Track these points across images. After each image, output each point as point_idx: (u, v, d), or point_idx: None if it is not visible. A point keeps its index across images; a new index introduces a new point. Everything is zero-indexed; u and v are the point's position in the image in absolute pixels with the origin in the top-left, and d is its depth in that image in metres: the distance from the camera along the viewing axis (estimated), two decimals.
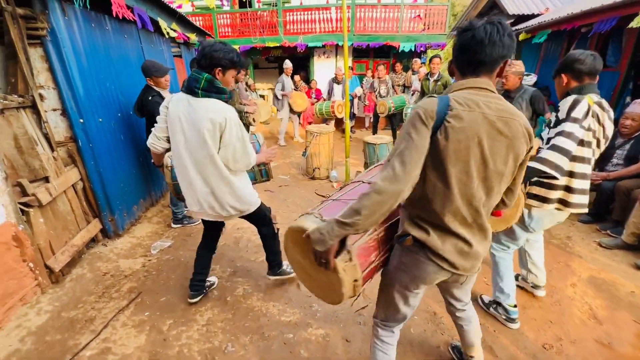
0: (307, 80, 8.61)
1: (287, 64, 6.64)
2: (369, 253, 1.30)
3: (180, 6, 7.92)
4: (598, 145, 1.77)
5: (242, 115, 4.68)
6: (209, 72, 1.65)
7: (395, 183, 1.00)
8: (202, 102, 1.66)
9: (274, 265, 2.37)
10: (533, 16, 5.99)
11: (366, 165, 4.34)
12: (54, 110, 2.59)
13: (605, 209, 3.35)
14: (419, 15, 7.68)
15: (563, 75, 1.82)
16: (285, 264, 2.44)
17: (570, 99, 1.70)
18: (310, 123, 8.39)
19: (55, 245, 2.39)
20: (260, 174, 2.32)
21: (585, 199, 1.82)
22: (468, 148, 1.02)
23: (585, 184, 1.80)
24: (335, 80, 7.16)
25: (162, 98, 3.05)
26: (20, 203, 2.10)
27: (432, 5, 7.61)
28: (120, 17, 3.00)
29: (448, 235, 1.15)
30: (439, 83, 5.20)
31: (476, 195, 1.08)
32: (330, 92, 7.35)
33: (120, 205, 3.12)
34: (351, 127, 7.36)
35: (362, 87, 7.80)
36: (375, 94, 6.92)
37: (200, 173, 1.79)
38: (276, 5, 7.95)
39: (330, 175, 4.95)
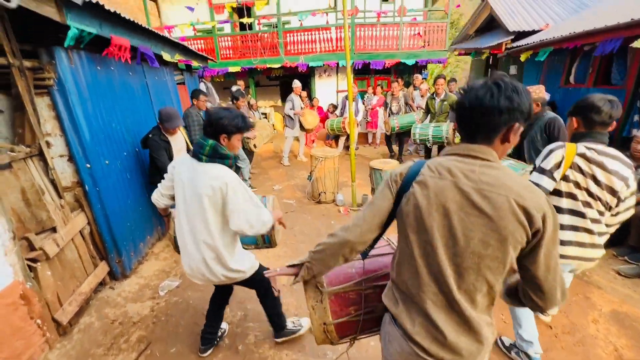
0: (310, 98, 8.65)
1: (296, 84, 6.77)
2: (346, 304, 1.32)
3: (181, 38, 8.04)
4: (592, 196, 1.68)
5: (243, 141, 4.72)
6: (215, 138, 1.64)
7: (346, 231, 1.08)
8: (205, 167, 1.64)
9: (278, 328, 2.26)
10: (533, 32, 6.00)
11: (373, 191, 4.29)
12: (61, 156, 2.59)
13: (622, 234, 3.26)
14: (418, 33, 7.74)
15: (574, 118, 1.78)
16: (290, 322, 2.35)
17: (547, 148, 1.69)
18: (313, 141, 8.41)
19: (62, 296, 2.35)
20: (263, 239, 2.22)
21: (586, 252, 1.75)
22: (431, 217, 0.94)
23: (582, 237, 1.73)
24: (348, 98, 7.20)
25: (162, 139, 3.10)
26: (27, 259, 2.07)
27: (431, 23, 7.67)
28: (123, 60, 3.02)
29: (419, 314, 1.01)
30: (445, 103, 5.18)
31: (444, 272, 0.94)
32: (343, 109, 7.38)
33: (127, 245, 3.09)
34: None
35: (363, 103, 7.83)
36: (387, 110, 7.00)
37: (195, 239, 1.73)
38: (277, 27, 8.04)
39: (336, 199, 4.90)
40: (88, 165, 2.64)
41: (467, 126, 0.97)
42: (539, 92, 2.94)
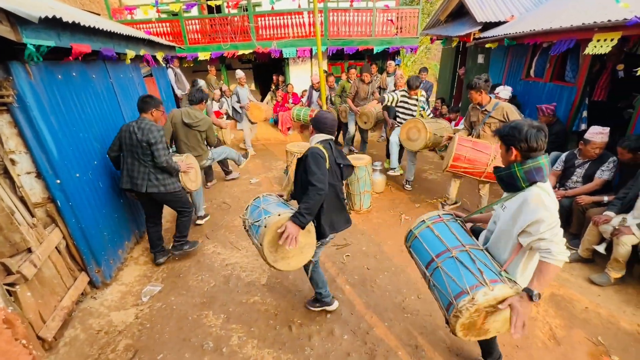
0: (285, 84, 8.53)
1: (239, 74, 6.52)
2: None
3: (144, 22, 7.53)
4: None
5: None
6: None
7: None
8: None
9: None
10: (500, 23, 6.19)
11: (347, 187, 4.48)
12: (28, 173, 2.53)
13: (565, 222, 3.67)
14: (391, 20, 7.72)
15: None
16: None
17: None
18: (289, 128, 8.41)
19: (45, 313, 2.40)
20: None
21: None
22: None
23: None
24: (314, 87, 7.18)
25: None
26: (5, 284, 2.09)
27: (404, 9, 7.66)
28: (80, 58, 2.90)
29: None
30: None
31: None
32: (309, 99, 7.37)
33: (106, 254, 3.11)
34: None
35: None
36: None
37: None
38: (247, 10, 7.72)
39: None
40: (58, 181, 2.60)
41: None
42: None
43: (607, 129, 3.35)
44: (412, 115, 4.86)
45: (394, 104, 4.86)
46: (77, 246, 2.82)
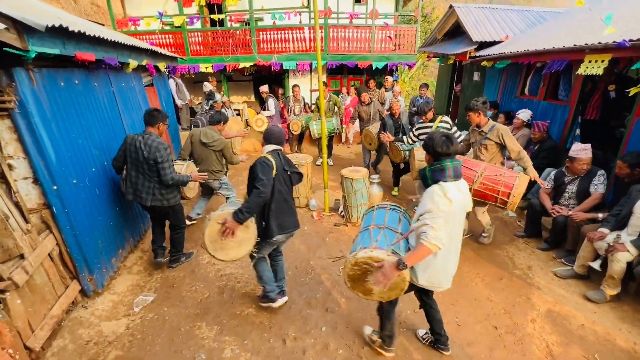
0: (284, 96, 8.63)
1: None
2: None
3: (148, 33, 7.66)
4: None
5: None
6: None
7: None
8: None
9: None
10: (494, 43, 6.38)
11: (344, 197, 4.49)
12: (25, 178, 2.52)
13: (561, 238, 3.69)
14: (389, 37, 7.92)
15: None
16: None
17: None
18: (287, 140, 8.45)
19: (33, 322, 2.34)
20: None
21: None
22: None
23: None
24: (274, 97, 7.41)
25: None
26: None
27: (402, 27, 7.88)
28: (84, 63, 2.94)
29: None
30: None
31: None
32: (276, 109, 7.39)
33: (99, 262, 3.07)
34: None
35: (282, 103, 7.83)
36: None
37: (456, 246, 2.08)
38: (249, 24, 7.90)
39: (309, 204, 5.06)
40: (54, 187, 2.59)
41: None
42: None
43: (589, 145, 3.48)
44: None
45: (414, 139, 4.54)
46: (71, 253, 2.78)
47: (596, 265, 3.03)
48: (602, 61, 3.45)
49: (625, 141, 3.48)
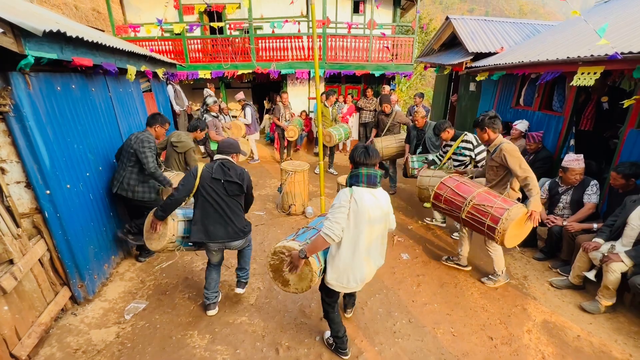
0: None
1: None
2: None
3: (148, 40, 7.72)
4: None
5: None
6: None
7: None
8: (380, 191, 2.12)
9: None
10: (490, 54, 6.48)
11: None
12: (18, 182, 2.49)
13: (556, 248, 3.69)
14: (387, 47, 8.03)
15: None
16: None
17: None
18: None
19: (20, 329, 2.29)
20: None
21: None
22: None
23: None
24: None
25: None
26: None
27: (400, 37, 7.99)
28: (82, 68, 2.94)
29: None
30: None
31: None
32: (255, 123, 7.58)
33: (91, 268, 3.03)
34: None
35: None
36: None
37: (372, 255, 2.19)
38: (248, 32, 7.98)
39: (305, 212, 5.05)
40: (48, 192, 2.56)
41: None
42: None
43: (581, 156, 3.51)
44: (463, 163, 4.18)
45: (444, 160, 4.25)
46: (62, 259, 2.74)
47: (591, 275, 3.03)
48: (595, 73, 3.51)
49: (619, 152, 3.51)
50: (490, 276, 3.36)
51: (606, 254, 2.88)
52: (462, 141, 4.07)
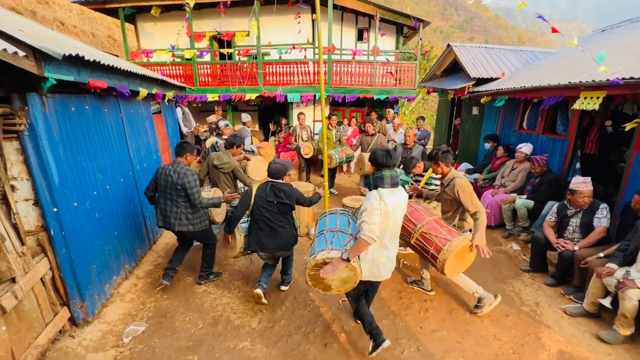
0: (288, 126, 8.83)
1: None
2: None
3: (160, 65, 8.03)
4: None
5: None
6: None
7: None
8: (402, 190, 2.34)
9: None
10: (492, 79, 6.62)
11: None
12: (26, 200, 2.52)
13: (567, 273, 3.58)
14: (390, 72, 8.27)
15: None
16: None
17: None
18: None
19: (17, 351, 2.23)
20: None
21: None
22: None
23: None
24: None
25: None
26: None
27: (402, 63, 8.24)
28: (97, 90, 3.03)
29: None
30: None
31: None
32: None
33: (92, 288, 2.98)
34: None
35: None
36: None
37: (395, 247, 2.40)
38: (256, 58, 8.28)
39: (309, 233, 4.99)
40: (55, 210, 2.58)
41: None
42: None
43: (589, 178, 3.47)
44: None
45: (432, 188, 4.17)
46: (64, 278, 2.71)
47: (607, 302, 2.91)
48: (597, 97, 3.55)
49: (627, 175, 3.48)
50: (476, 304, 3.23)
51: (621, 279, 2.78)
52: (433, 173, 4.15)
